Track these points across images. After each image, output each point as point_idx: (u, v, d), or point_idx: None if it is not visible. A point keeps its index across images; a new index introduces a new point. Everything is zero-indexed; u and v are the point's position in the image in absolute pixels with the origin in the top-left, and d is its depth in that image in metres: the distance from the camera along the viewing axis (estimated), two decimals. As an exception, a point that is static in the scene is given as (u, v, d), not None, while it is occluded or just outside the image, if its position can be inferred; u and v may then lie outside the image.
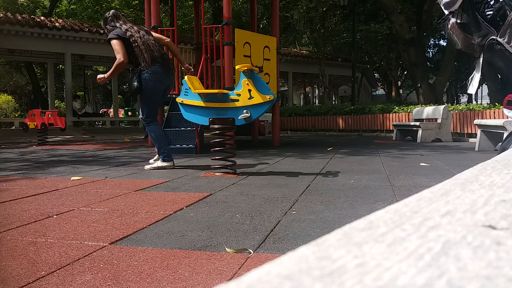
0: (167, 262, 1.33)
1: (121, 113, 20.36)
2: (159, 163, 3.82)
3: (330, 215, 1.94)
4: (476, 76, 2.80)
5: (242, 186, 2.82)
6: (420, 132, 7.84)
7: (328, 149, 6.17)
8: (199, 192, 2.62)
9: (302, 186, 2.78)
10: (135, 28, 3.75)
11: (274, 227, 1.74)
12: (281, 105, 17.78)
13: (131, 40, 3.62)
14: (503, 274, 0.22)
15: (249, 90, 3.19)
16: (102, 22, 3.87)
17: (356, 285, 0.21)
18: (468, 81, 2.94)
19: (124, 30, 3.65)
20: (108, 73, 3.71)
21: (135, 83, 3.67)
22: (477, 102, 13.58)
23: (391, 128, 10.42)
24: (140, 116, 3.83)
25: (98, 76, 3.73)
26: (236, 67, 3.25)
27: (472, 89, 2.85)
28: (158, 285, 1.14)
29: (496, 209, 0.35)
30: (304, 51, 20.07)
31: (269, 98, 3.17)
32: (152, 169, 3.80)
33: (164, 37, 4.09)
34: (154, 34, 3.98)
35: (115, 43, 3.59)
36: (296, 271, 0.23)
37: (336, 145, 7.15)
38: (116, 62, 3.59)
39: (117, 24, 3.71)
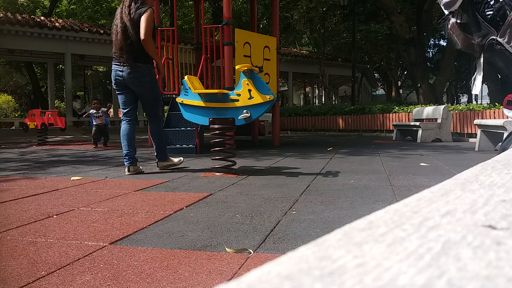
0: (167, 262, 1.33)
1: (122, 113, 20.33)
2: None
3: (330, 215, 1.94)
4: (478, 77, 2.80)
5: (242, 186, 2.82)
6: (420, 132, 7.84)
7: (328, 149, 6.17)
8: (199, 192, 2.62)
9: (302, 186, 2.78)
10: (118, 11, 3.43)
11: (274, 227, 1.74)
12: (281, 105, 17.78)
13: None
14: (503, 274, 0.22)
15: (249, 90, 3.19)
16: None
17: (356, 285, 0.21)
18: (471, 82, 2.95)
19: None
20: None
21: None
22: (477, 102, 13.59)
23: (391, 128, 10.43)
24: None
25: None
26: (236, 67, 3.25)
27: (475, 90, 2.86)
28: (158, 285, 1.14)
29: (496, 209, 0.35)
30: (304, 51, 20.08)
31: (269, 98, 3.17)
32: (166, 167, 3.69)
33: (142, 28, 3.32)
34: (142, 20, 3.32)
35: None
36: (296, 271, 0.23)
37: (336, 145, 7.15)
38: None
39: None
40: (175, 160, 3.78)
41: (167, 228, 1.75)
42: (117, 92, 3.59)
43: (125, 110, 3.59)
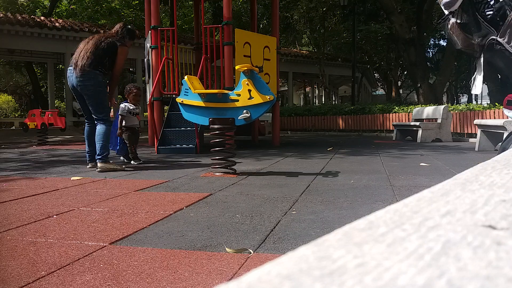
0: (167, 262, 1.33)
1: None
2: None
3: (330, 215, 1.94)
4: (478, 77, 2.80)
5: (242, 186, 2.82)
6: (420, 132, 7.84)
7: (328, 149, 6.17)
8: (199, 192, 2.62)
9: (302, 186, 2.78)
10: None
11: (274, 227, 1.74)
12: (281, 105, 17.78)
13: None
14: (503, 274, 0.22)
15: (249, 90, 3.19)
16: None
17: (356, 285, 0.21)
18: (471, 82, 2.94)
19: None
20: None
21: None
22: (477, 102, 13.59)
23: (391, 128, 10.43)
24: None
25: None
26: (236, 67, 3.25)
27: (476, 90, 2.85)
28: (158, 285, 1.14)
29: (496, 209, 0.35)
30: (304, 51, 20.08)
31: (269, 98, 3.17)
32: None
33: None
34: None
35: None
36: (296, 271, 0.23)
37: (336, 145, 7.15)
38: None
39: None
40: (116, 166, 3.86)
41: (167, 228, 1.75)
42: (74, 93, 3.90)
43: (86, 115, 3.98)
